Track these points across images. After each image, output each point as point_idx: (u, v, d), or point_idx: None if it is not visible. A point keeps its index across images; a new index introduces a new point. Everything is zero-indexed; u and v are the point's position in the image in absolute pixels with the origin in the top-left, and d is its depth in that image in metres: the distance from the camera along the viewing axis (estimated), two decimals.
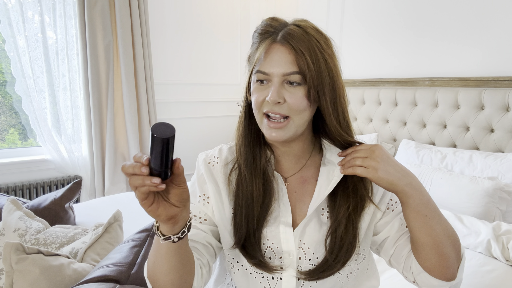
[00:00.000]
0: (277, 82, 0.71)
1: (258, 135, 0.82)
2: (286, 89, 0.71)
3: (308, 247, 0.77)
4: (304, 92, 0.71)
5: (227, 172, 0.81)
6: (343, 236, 0.75)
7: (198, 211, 0.81)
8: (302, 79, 0.70)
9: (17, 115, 2.76)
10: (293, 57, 0.70)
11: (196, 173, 0.85)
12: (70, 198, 1.72)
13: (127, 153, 3.04)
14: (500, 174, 1.91)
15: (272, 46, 0.72)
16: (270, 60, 0.71)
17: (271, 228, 0.77)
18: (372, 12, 2.78)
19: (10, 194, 2.61)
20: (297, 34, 0.70)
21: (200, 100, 3.55)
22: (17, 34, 2.49)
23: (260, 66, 0.72)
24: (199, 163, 0.85)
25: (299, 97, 0.71)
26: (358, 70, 2.92)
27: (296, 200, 0.81)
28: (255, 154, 0.79)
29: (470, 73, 2.25)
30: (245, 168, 0.78)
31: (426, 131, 2.44)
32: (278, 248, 0.77)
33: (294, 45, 0.69)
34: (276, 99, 0.70)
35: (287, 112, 0.72)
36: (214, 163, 0.83)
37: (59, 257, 1.00)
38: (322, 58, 0.71)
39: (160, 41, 3.19)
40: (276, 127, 0.72)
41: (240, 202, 0.77)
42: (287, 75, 0.70)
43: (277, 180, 0.80)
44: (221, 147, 0.87)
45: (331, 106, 0.73)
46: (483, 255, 1.53)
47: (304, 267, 0.77)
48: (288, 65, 0.70)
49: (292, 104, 0.71)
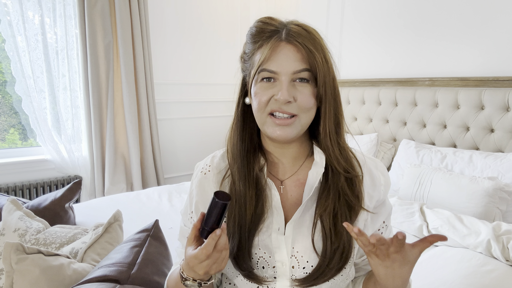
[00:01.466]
0: (286, 81, 0.70)
1: (251, 141, 0.81)
2: (296, 88, 0.71)
3: (302, 255, 0.75)
4: (312, 90, 0.71)
5: (219, 180, 0.81)
6: (334, 240, 0.73)
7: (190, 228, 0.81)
8: (311, 77, 0.71)
9: (17, 115, 2.76)
10: (301, 55, 0.70)
11: (190, 185, 0.86)
12: (70, 198, 1.72)
13: (127, 153, 3.04)
14: (500, 174, 1.91)
15: (278, 45, 0.71)
16: (277, 59, 0.70)
17: (263, 237, 0.76)
18: (372, 12, 2.78)
19: (10, 194, 2.61)
20: (302, 33, 0.70)
21: (200, 100, 3.55)
22: (17, 34, 2.49)
23: (266, 65, 0.71)
24: (194, 175, 0.86)
25: (308, 95, 0.71)
26: (358, 70, 2.92)
27: (291, 204, 0.79)
28: (249, 162, 0.78)
29: (470, 73, 2.25)
30: (238, 177, 0.77)
31: (426, 131, 2.44)
32: (270, 258, 0.75)
33: (302, 43, 0.69)
34: (287, 98, 0.69)
35: (296, 110, 0.71)
36: (206, 171, 0.82)
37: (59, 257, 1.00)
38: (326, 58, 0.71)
39: (160, 41, 3.19)
40: (283, 124, 0.71)
41: (233, 210, 0.76)
42: (297, 72, 0.70)
43: (270, 188, 0.78)
44: (214, 154, 0.86)
45: (330, 106, 0.73)
46: (483, 255, 1.52)
47: (298, 275, 0.75)
48: (297, 63, 0.70)
49: (302, 102, 0.71)
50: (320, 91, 0.71)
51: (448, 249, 1.59)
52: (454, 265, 1.45)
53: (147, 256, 1.01)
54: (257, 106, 0.73)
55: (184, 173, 3.55)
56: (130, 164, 3.04)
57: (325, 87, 0.71)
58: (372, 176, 0.81)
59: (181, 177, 3.53)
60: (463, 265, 1.45)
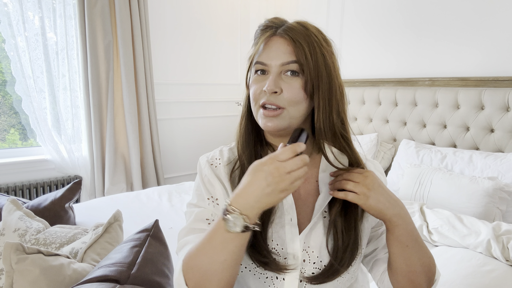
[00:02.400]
0: (275, 72, 0.72)
1: (259, 134, 0.82)
2: (284, 80, 0.72)
3: (313, 251, 0.76)
4: (301, 84, 0.72)
5: (229, 172, 0.81)
6: (344, 238, 0.74)
7: (210, 214, 0.78)
8: (300, 69, 0.71)
9: (17, 115, 2.76)
10: (291, 48, 0.71)
11: (200, 176, 0.83)
12: (70, 198, 1.72)
13: (127, 153, 3.04)
14: (500, 174, 1.91)
15: (271, 39, 0.74)
16: (269, 51, 0.73)
17: (276, 229, 0.76)
18: (372, 12, 2.78)
19: (10, 194, 2.61)
20: (297, 28, 0.72)
21: (200, 100, 3.55)
22: (17, 34, 2.49)
23: (259, 57, 0.73)
24: (201, 166, 0.84)
25: (295, 88, 0.72)
26: (358, 70, 2.92)
27: (298, 199, 0.80)
28: (257, 153, 0.80)
29: (470, 73, 2.25)
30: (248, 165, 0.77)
31: (426, 131, 2.44)
32: (283, 250, 0.76)
33: (293, 36, 0.71)
34: (272, 88, 0.70)
35: (283, 103, 0.72)
36: (217, 164, 0.82)
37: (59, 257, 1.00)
38: (320, 53, 0.71)
39: (160, 41, 3.19)
40: (270, 115, 0.72)
41: None
42: (285, 64, 0.71)
43: None
44: (221, 148, 0.87)
45: (324, 101, 0.73)
46: (483, 255, 1.53)
47: (307, 269, 0.76)
48: (286, 55, 0.71)
49: (288, 94, 0.71)
50: (308, 84, 0.71)
51: (448, 249, 1.59)
52: (454, 265, 1.45)
53: (147, 256, 1.01)
54: (252, 98, 0.76)
55: (184, 173, 3.55)
56: (130, 164, 3.04)
57: (317, 81, 0.71)
58: None
59: (181, 177, 3.53)
60: (463, 265, 1.45)
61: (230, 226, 0.60)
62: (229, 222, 0.60)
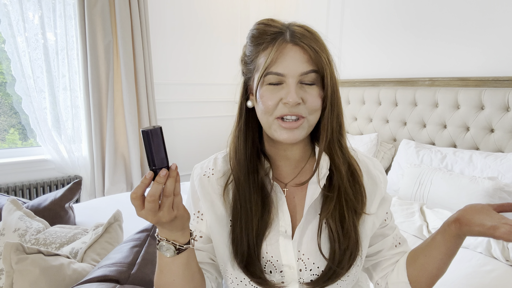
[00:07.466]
0: (293, 83, 0.69)
1: (254, 145, 0.79)
2: (304, 89, 0.70)
3: (308, 258, 0.75)
4: (318, 92, 0.71)
5: (223, 184, 0.79)
6: (341, 240, 0.73)
7: (193, 229, 0.79)
8: (317, 78, 0.70)
9: (17, 115, 2.76)
10: (307, 56, 0.69)
11: (191, 188, 0.83)
12: (70, 198, 1.72)
13: (127, 153, 3.04)
14: (500, 174, 1.91)
15: (284, 47, 0.69)
16: (284, 61, 0.69)
17: (270, 241, 0.75)
18: (372, 13, 2.78)
19: (10, 194, 2.61)
20: (306, 34, 0.70)
21: (200, 100, 3.55)
22: (17, 34, 2.49)
23: (273, 68, 0.69)
24: (193, 178, 0.83)
25: (315, 97, 0.71)
26: (358, 70, 2.92)
27: (295, 205, 0.79)
28: (254, 167, 0.77)
29: (470, 73, 2.25)
30: (243, 182, 0.76)
31: (426, 131, 2.44)
32: (278, 262, 0.75)
33: (308, 44, 0.69)
34: (297, 100, 0.68)
35: (304, 112, 0.71)
36: (209, 175, 0.81)
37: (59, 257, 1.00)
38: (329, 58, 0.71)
39: (160, 41, 3.19)
40: (292, 127, 0.70)
41: (239, 215, 0.75)
42: (304, 74, 0.69)
43: (275, 191, 0.78)
44: (216, 156, 0.85)
45: (333, 106, 0.72)
46: (483, 255, 1.52)
47: (305, 278, 0.75)
48: (304, 64, 0.69)
49: (310, 103, 0.70)
50: (327, 92, 0.71)
51: None
52: (454, 265, 1.45)
53: (147, 256, 1.01)
54: (263, 110, 0.72)
55: (184, 173, 3.55)
56: (130, 164, 3.04)
57: (331, 88, 0.71)
58: (372, 175, 0.81)
59: (181, 177, 3.50)
60: (463, 265, 1.45)
61: (165, 252, 0.66)
62: (163, 248, 0.66)
